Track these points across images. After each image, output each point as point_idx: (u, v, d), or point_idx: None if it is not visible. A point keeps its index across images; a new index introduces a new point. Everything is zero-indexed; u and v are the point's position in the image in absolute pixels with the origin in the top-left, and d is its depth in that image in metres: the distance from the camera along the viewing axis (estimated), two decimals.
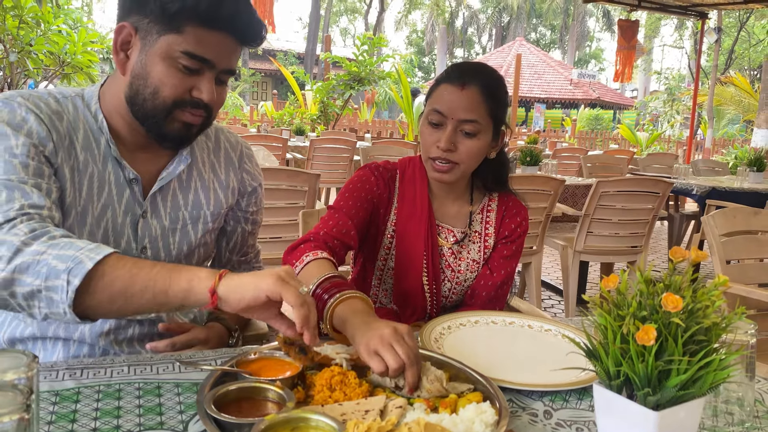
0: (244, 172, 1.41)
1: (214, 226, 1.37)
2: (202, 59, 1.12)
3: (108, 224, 1.21)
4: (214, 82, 1.16)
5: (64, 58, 5.61)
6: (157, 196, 1.27)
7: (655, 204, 3.69)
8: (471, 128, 1.41)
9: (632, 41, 10.27)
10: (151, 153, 1.26)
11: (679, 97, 22.07)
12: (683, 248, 0.84)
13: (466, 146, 1.42)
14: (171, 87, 1.13)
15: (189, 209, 1.31)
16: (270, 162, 3.90)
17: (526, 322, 1.34)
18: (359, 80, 10.51)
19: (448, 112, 1.40)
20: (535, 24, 42.40)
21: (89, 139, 1.19)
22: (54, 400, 0.92)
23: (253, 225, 1.48)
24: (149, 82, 1.13)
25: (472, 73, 1.43)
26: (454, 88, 1.41)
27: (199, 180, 1.33)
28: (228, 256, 1.49)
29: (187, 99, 1.15)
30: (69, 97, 1.21)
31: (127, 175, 1.22)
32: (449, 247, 1.54)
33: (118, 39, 1.14)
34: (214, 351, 1.13)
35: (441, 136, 1.41)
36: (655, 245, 6.64)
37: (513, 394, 1.02)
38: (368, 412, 0.88)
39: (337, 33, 45.14)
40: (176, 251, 1.30)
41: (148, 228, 1.26)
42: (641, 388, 0.77)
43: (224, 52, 1.15)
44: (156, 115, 1.16)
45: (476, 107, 1.41)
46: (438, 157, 1.42)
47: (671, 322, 0.77)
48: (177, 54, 1.11)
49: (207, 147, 1.37)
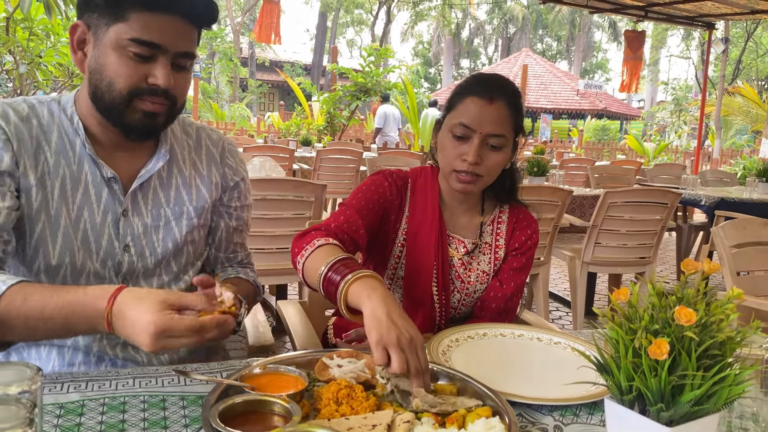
0: (226, 166, 1.41)
1: (200, 223, 1.36)
2: (150, 44, 1.12)
3: (86, 224, 1.22)
4: (169, 67, 1.16)
5: (72, 70, 5.65)
6: (137, 193, 1.27)
7: (664, 215, 3.67)
8: (497, 142, 1.41)
9: (638, 52, 10.28)
10: (129, 152, 1.27)
11: (687, 107, 22.02)
12: (693, 259, 0.83)
13: (492, 159, 1.42)
14: (125, 77, 1.14)
15: (171, 206, 1.31)
16: (277, 173, 3.90)
17: (535, 334, 1.32)
18: (366, 91, 10.54)
19: (476, 126, 1.39)
20: (541, 35, 42.48)
21: (63, 142, 1.21)
22: (58, 413, 0.91)
23: (238, 221, 1.46)
24: (104, 75, 1.14)
25: (497, 86, 1.42)
26: (482, 101, 1.40)
27: (179, 177, 1.33)
28: (214, 254, 1.47)
29: (143, 87, 1.15)
30: (45, 103, 1.23)
31: (105, 173, 1.22)
32: (459, 257, 1.53)
33: (74, 38, 1.16)
34: (219, 364, 1.12)
35: (467, 149, 1.40)
36: (663, 256, 6.60)
37: (522, 409, 1.00)
38: (375, 427, 0.87)
39: (344, 44, 45.37)
40: (161, 249, 1.30)
41: (130, 226, 1.26)
42: (654, 403, 0.76)
43: (174, 35, 1.15)
44: (115, 107, 1.16)
45: (503, 121, 1.41)
46: (464, 171, 1.41)
47: (684, 336, 0.75)
48: (125, 42, 1.12)
49: (188, 145, 1.37)
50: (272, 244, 3.01)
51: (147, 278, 1.30)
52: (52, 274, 1.21)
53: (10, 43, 5.13)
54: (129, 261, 1.26)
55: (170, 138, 1.33)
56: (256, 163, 3.74)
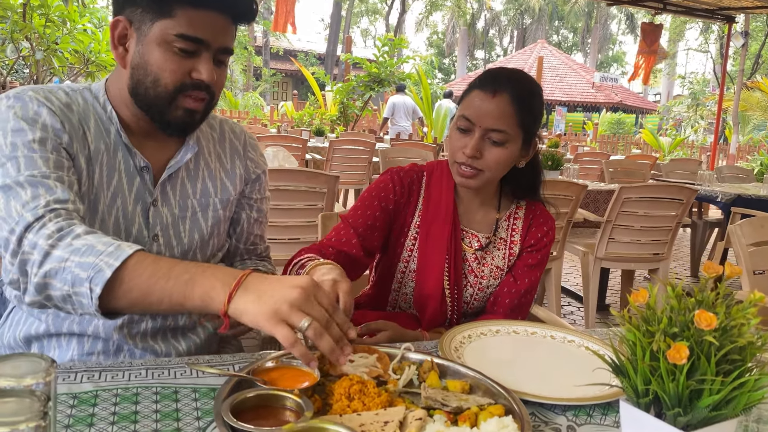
0: (248, 159, 1.43)
1: (225, 215, 1.37)
2: (196, 39, 1.14)
3: (118, 212, 1.22)
4: (211, 62, 1.18)
5: (88, 57, 5.68)
6: (166, 184, 1.28)
7: (679, 211, 3.63)
8: (498, 137, 1.39)
9: (654, 45, 10.14)
10: (159, 142, 1.27)
11: (704, 101, 21.75)
12: (706, 256, 0.81)
13: (493, 154, 1.40)
14: (170, 72, 1.15)
15: (198, 197, 1.32)
16: (290, 163, 3.90)
17: (548, 332, 1.31)
18: (379, 81, 10.51)
19: (476, 119, 1.38)
20: (557, 26, 42.07)
21: (100, 129, 1.21)
22: (72, 403, 0.91)
23: (258, 213, 1.48)
24: (149, 71, 1.15)
25: (504, 80, 1.40)
26: (485, 95, 1.39)
27: (206, 169, 1.34)
28: (235, 245, 1.49)
29: (188, 82, 1.16)
30: (78, 91, 1.24)
31: (138, 162, 1.23)
32: (473, 252, 1.52)
33: (115, 34, 1.16)
34: (231, 356, 1.12)
35: (468, 142, 1.40)
36: (676, 252, 6.54)
37: (535, 408, 1.00)
38: (387, 424, 0.86)
39: (358, 34, 45.23)
40: (188, 240, 1.31)
41: (159, 216, 1.27)
42: (671, 407, 0.75)
43: (217, 31, 1.16)
44: (159, 103, 1.17)
45: (505, 116, 1.38)
46: (463, 163, 1.41)
47: (704, 340, 0.74)
48: (171, 38, 1.12)
49: (212, 138, 1.38)
50: (284, 235, 3.02)
51: None
52: None
53: (26, 30, 5.16)
54: (157, 251, 1.27)
55: (196, 130, 1.33)
56: (270, 153, 3.75)
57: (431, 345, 1.25)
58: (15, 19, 5.11)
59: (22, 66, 6.68)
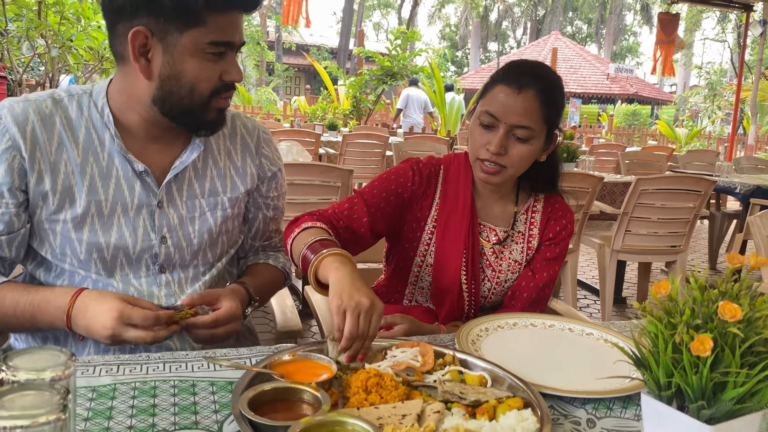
0: (262, 157, 1.41)
1: (234, 213, 1.36)
2: (226, 43, 1.15)
3: (120, 219, 1.22)
4: (236, 60, 1.20)
5: (103, 54, 5.71)
6: (171, 185, 1.27)
7: (697, 203, 3.58)
8: (524, 134, 1.36)
9: (672, 35, 10.01)
10: (164, 144, 1.27)
11: (721, 92, 21.45)
12: (724, 248, 0.80)
13: (518, 151, 1.37)
14: (206, 80, 1.16)
15: (206, 197, 1.31)
16: (303, 157, 3.90)
17: (566, 325, 1.30)
18: (392, 75, 10.48)
19: (501, 116, 1.35)
20: (571, 17, 41.66)
21: (91, 138, 1.21)
22: (91, 396, 0.92)
23: (275, 211, 1.48)
24: (183, 81, 1.15)
25: (530, 75, 1.36)
26: (510, 90, 1.35)
27: (214, 167, 1.33)
28: (250, 243, 1.49)
29: (220, 85, 1.18)
30: (75, 96, 1.23)
31: (136, 168, 1.23)
32: (490, 246, 1.50)
33: (135, 45, 1.12)
34: (248, 350, 1.12)
35: (492, 138, 1.37)
36: (694, 244, 6.46)
37: (554, 401, 0.99)
38: (405, 417, 0.86)
39: (370, 28, 45.11)
40: (197, 240, 1.30)
41: (166, 218, 1.26)
42: (694, 400, 0.73)
43: (238, 28, 1.18)
44: (195, 110, 1.18)
45: (531, 113, 1.35)
46: (486, 159, 1.39)
47: (728, 332, 0.72)
48: (204, 46, 1.13)
49: (223, 133, 1.37)
50: None
51: (184, 268, 1.31)
52: (85, 267, 1.23)
53: (42, 27, 5.20)
54: (166, 252, 1.27)
55: None
56: (283, 147, 3.75)
57: (448, 338, 1.24)
58: (30, 17, 5.16)
59: (37, 63, 6.74)
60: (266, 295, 1.46)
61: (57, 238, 1.20)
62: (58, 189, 1.18)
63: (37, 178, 1.17)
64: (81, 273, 1.23)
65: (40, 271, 1.26)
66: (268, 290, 1.47)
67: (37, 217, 1.20)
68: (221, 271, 1.38)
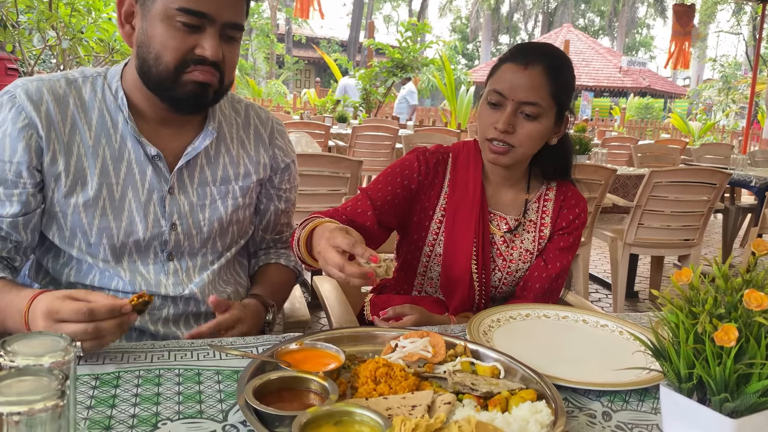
0: (276, 147, 1.39)
1: (245, 202, 1.34)
2: (198, 13, 1.10)
3: (131, 203, 1.20)
4: (217, 38, 1.13)
5: (113, 45, 5.71)
6: (183, 171, 1.25)
7: (711, 196, 3.52)
8: (532, 110, 1.34)
9: (688, 27, 9.88)
10: (176, 129, 1.24)
11: (735, 85, 21.18)
12: (738, 242, 0.76)
13: (526, 129, 1.35)
14: (172, 49, 1.11)
15: (217, 184, 1.29)
16: (313, 149, 3.88)
17: (580, 316, 1.27)
18: (402, 67, 10.42)
19: (508, 93, 1.34)
20: (583, 10, 41.27)
21: (104, 120, 1.19)
22: (94, 384, 0.90)
23: (287, 203, 1.46)
24: (151, 48, 1.12)
25: (536, 52, 1.36)
26: (516, 67, 1.34)
27: (227, 155, 1.31)
28: (261, 235, 1.47)
29: (189, 59, 1.12)
30: (90, 77, 1.22)
31: (149, 152, 1.21)
32: (501, 235, 1.47)
33: (121, 11, 1.14)
34: (255, 338, 1.10)
35: (500, 117, 1.35)
36: (707, 238, 6.39)
37: (568, 393, 0.96)
38: (415, 408, 0.84)
39: (381, 20, 44.93)
40: (207, 227, 1.29)
41: (177, 204, 1.25)
42: (717, 393, 0.70)
43: (222, 4, 1.12)
44: (164, 81, 1.14)
45: (538, 88, 1.33)
46: (495, 138, 1.36)
47: (753, 322, 0.69)
48: (173, 12, 1.09)
49: (236, 123, 1.35)
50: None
51: (192, 256, 1.29)
52: (93, 253, 1.21)
53: (52, 19, 5.20)
54: (176, 239, 1.25)
55: (218, 115, 1.30)
56: (292, 138, 3.73)
57: (459, 329, 1.21)
58: (41, 9, 5.16)
59: (49, 56, 6.76)
60: (281, 297, 1.45)
61: (68, 221, 1.19)
62: (71, 170, 1.17)
63: (52, 158, 1.15)
64: (88, 260, 1.21)
65: (48, 257, 1.24)
66: (282, 291, 1.47)
67: (49, 199, 1.18)
68: (230, 261, 1.37)
